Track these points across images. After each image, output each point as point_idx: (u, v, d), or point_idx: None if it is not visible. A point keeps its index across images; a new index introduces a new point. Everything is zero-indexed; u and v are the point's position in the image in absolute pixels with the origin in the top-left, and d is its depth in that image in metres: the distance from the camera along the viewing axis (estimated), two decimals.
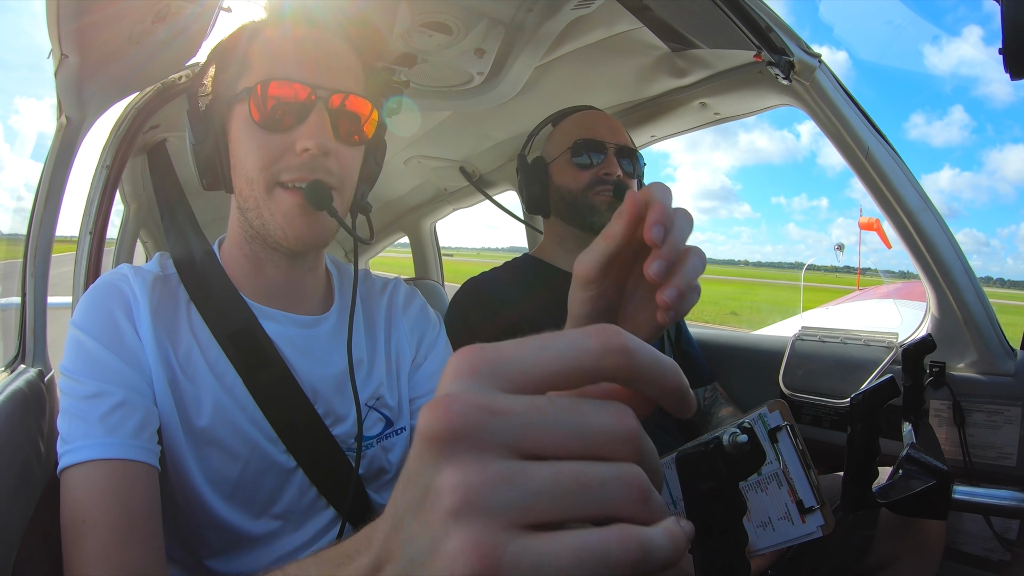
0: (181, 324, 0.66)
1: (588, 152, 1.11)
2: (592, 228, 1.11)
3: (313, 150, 0.61)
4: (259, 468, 0.67)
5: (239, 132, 0.64)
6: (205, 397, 0.65)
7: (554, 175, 1.15)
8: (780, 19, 0.94)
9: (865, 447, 0.75)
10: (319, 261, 0.74)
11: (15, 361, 0.93)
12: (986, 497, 0.79)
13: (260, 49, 0.64)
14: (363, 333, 0.76)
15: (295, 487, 0.70)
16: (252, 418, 0.66)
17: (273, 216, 0.63)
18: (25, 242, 0.94)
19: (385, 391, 0.75)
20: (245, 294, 0.69)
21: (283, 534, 0.70)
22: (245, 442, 0.66)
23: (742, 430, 0.43)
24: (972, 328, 1.08)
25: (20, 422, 0.72)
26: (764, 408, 0.82)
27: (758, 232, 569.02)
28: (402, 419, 0.77)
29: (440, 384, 0.22)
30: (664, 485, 0.97)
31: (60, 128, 0.93)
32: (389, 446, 0.76)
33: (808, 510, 0.75)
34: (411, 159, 1.87)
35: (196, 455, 0.64)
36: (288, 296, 0.71)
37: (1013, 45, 0.55)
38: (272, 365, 0.67)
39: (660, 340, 1.18)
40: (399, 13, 1.01)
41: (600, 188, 1.10)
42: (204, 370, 0.65)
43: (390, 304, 0.80)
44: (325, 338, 0.72)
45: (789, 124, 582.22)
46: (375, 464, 0.76)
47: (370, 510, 0.77)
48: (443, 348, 0.83)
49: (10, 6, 7.39)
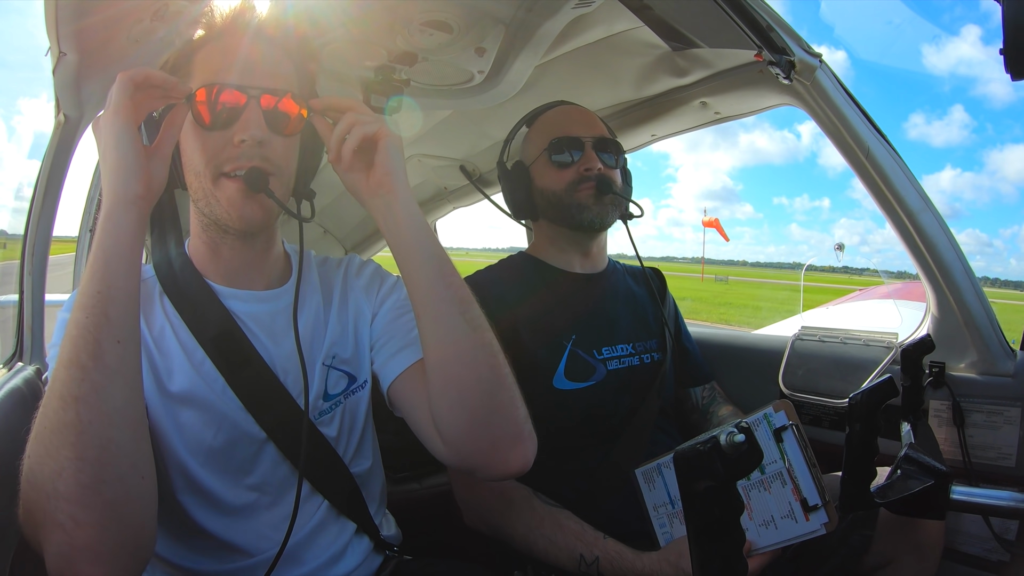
0: (155, 309, 0.75)
1: (566, 150, 1.10)
2: (581, 226, 1.10)
3: (249, 140, 0.69)
4: (231, 436, 0.73)
5: (187, 133, 0.72)
6: (176, 368, 0.72)
7: (536, 178, 1.13)
8: (781, 18, 0.93)
9: (863, 447, 0.75)
10: (271, 242, 0.81)
11: (12, 359, 0.93)
12: (985, 497, 0.80)
13: (201, 60, 0.73)
14: (321, 303, 0.83)
15: (268, 458, 0.75)
16: (222, 393, 0.73)
17: (219, 202, 0.72)
18: (23, 240, 0.94)
19: (338, 348, 0.82)
20: (210, 278, 0.77)
21: (260, 507, 0.75)
22: (216, 412, 0.73)
23: (739, 430, 0.43)
24: (972, 328, 1.07)
25: (18, 420, 0.72)
26: (770, 408, 0.82)
27: (760, 233, 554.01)
28: (363, 372, 0.83)
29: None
30: (663, 485, 0.97)
31: (58, 126, 0.93)
32: (355, 402, 0.82)
33: (812, 508, 0.76)
34: (411, 157, 1.87)
35: (171, 417, 0.71)
36: (248, 275, 0.79)
37: (1013, 45, 0.55)
38: (251, 363, 0.74)
39: (662, 337, 1.18)
40: (400, 11, 1.01)
41: (583, 185, 1.08)
42: (175, 346, 0.73)
43: (345, 273, 0.88)
44: (285, 311, 0.78)
45: (789, 124, 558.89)
46: (343, 419, 0.81)
47: (350, 481, 0.80)
48: (399, 297, 0.87)
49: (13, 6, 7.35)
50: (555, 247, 1.17)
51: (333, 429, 0.80)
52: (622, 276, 1.23)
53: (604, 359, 1.08)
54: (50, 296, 0.96)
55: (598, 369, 1.07)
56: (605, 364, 1.08)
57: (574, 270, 1.16)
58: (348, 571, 0.79)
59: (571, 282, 1.14)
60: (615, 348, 1.11)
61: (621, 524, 0.97)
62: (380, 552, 0.84)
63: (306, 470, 0.73)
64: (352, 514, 0.80)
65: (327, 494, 0.78)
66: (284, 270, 0.84)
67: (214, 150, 0.70)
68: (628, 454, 1.05)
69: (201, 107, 0.70)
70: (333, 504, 0.79)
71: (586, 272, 1.17)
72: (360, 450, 0.84)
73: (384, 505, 0.90)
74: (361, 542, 0.81)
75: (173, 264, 0.78)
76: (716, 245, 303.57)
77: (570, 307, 1.11)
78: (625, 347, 1.12)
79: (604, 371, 1.07)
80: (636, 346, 1.13)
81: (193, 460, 0.71)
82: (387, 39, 1.10)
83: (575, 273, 1.15)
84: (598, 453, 1.05)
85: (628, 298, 1.19)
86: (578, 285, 1.14)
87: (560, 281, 1.14)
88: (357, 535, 0.81)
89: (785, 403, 0.82)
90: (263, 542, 0.73)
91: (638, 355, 1.12)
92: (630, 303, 1.19)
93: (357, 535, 0.81)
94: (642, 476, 0.99)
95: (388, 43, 1.11)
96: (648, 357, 1.14)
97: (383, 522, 0.88)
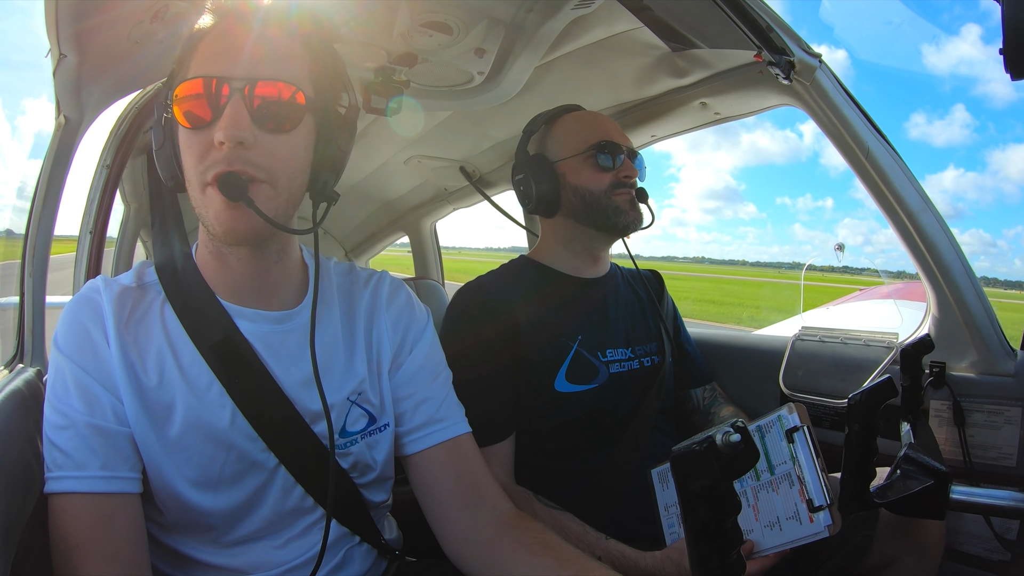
0: (153, 331, 0.68)
1: (611, 154, 1.11)
2: (615, 228, 1.11)
3: (226, 142, 0.60)
4: (238, 467, 0.69)
5: (180, 135, 0.65)
6: (178, 402, 0.66)
7: (568, 175, 1.12)
8: (780, 19, 0.93)
9: (862, 448, 0.75)
10: (285, 253, 0.73)
11: (13, 360, 0.93)
12: (985, 497, 0.79)
13: (196, 53, 0.65)
14: (340, 327, 0.76)
15: (278, 486, 0.71)
16: (230, 419, 0.68)
17: (207, 213, 0.64)
18: (23, 241, 0.94)
19: (367, 386, 0.76)
20: (217, 292, 0.70)
21: (266, 534, 0.71)
22: (221, 443, 0.68)
23: (735, 429, 0.43)
24: (972, 328, 1.07)
25: (18, 422, 0.72)
26: (784, 410, 0.82)
27: (764, 232, 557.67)
28: (384, 416, 0.78)
29: None
30: (667, 484, 0.97)
31: (58, 128, 0.93)
32: (373, 443, 0.77)
33: (817, 508, 0.75)
34: (411, 159, 1.87)
35: (172, 459, 0.66)
36: (258, 291, 0.71)
37: (1013, 45, 0.55)
38: (253, 372, 0.69)
39: (660, 340, 1.18)
40: (400, 12, 1.01)
41: (621, 190, 1.10)
42: (175, 375, 0.67)
43: (374, 297, 0.80)
44: (299, 333, 0.72)
45: (791, 124, 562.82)
46: (361, 460, 0.77)
47: (362, 507, 0.78)
48: (428, 345, 0.82)
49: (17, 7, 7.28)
50: (567, 248, 1.16)
51: (347, 463, 0.76)
52: (622, 279, 1.23)
53: (607, 361, 1.09)
54: (51, 298, 0.96)
55: (601, 371, 1.07)
56: (608, 367, 1.08)
57: (577, 274, 1.16)
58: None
59: (574, 286, 1.14)
60: (617, 351, 1.11)
61: (622, 525, 0.97)
62: (383, 557, 0.83)
63: (322, 500, 0.71)
64: (358, 530, 0.78)
65: (339, 519, 0.76)
66: (300, 285, 0.76)
67: (199, 154, 0.62)
68: (628, 456, 1.05)
69: (181, 105, 0.62)
70: (341, 523, 0.76)
71: (589, 276, 1.17)
72: (378, 487, 0.81)
73: (388, 510, 0.89)
74: (361, 549, 0.79)
75: (177, 265, 0.72)
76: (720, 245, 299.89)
77: (573, 309, 1.11)
78: (625, 351, 1.12)
79: (607, 374, 1.07)
80: (636, 349, 1.13)
81: (199, 493, 0.67)
82: (387, 40, 1.10)
83: (578, 278, 1.15)
84: (598, 455, 1.05)
85: (628, 301, 1.19)
86: (581, 289, 1.14)
87: (563, 285, 1.14)
88: (359, 544, 0.79)
89: (799, 406, 0.82)
90: (263, 565, 0.71)
91: (638, 358, 1.13)
92: (630, 306, 1.19)
93: (359, 544, 0.79)
94: (657, 476, 0.99)
95: (388, 44, 1.12)
96: (648, 360, 1.14)
97: (385, 525, 0.87)
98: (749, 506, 0.83)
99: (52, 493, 0.63)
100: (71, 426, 0.63)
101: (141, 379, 0.66)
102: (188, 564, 0.70)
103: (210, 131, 0.61)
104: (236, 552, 0.70)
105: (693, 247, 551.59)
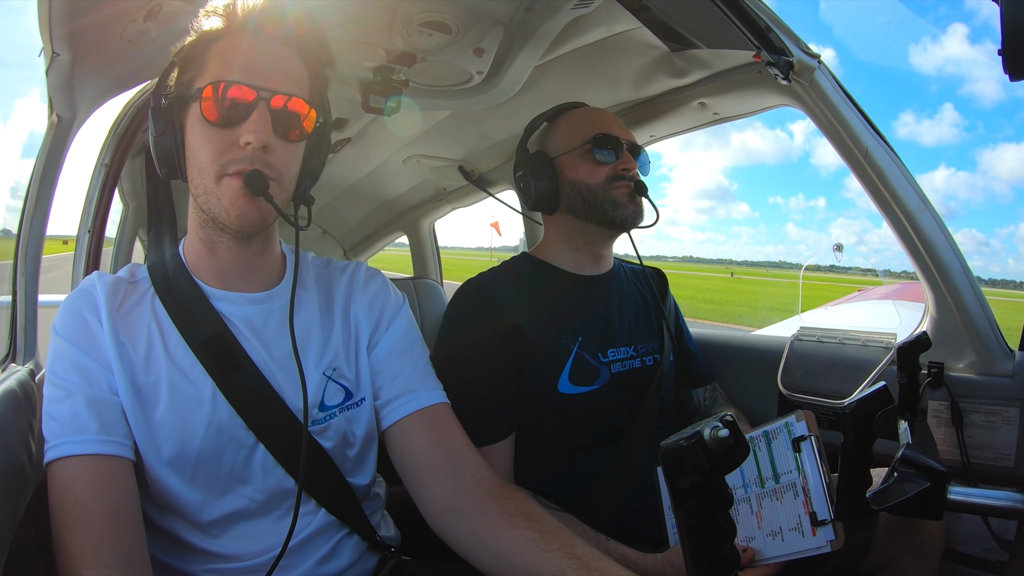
0: (143, 318, 0.74)
1: (609, 147, 1.10)
2: (613, 223, 1.10)
3: (254, 144, 0.69)
4: (218, 442, 0.72)
5: (193, 127, 0.72)
6: (163, 380, 0.72)
7: (566, 170, 1.12)
8: (779, 19, 0.93)
9: (858, 456, 0.74)
10: (268, 244, 0.80)
11: (6, 360, 0.92)
12: (983, 498, 0.79)
13: (215, 54, 0.72)
14: (316, 309, 0.82)
15: (259, 464, 0.74)
16: (211, 396, 0.72)
17: (220, 201, 0.71)
18: (16, 240, 0.93)
19: (342, 362, 0.81)
20: (202, 278, 0.77)
21: (248, 514, 0.74)
22: (201, 419, 0.72)
23: (724, 424, 0.42)
24: (970, 329, 1.07)
25: (11, 421, 0.72)
26: (792, 417, 0.81)
27: (757, 232, 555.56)
28: (361, 391, 0.82)
29: None
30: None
31: (51, 127, 0.92)
32: (352, 417, 0.81)
33: (820, 523, 0.74)
34: (410, 158, 1.86)
35: (156, 433, 0.70)
36: (241, 276, 0.78)
37: (1012, 46, 0.55)
38: (240, 368, 0.74)
39: (662, 340, 1.18)
40: (398, 12, 1.01)
41: (619, 183, 1.09)
42: (161, 356, 0.73)
43: (351, 282, 0.87)
44: (279, 314, 0.78)
45: (782, 123, 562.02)
46: (339, 433, 0.80)
47: (349, 494, 0.80)
48: (404, 323, 0.87)
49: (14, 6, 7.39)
50: (569, 245, 1.15)
51: (328, 441, 0.79)
52: (624, 277, 1.23)
53: (608, 361, 1.08)
54: (44, 297, 0.96)
55: (602, 372, 1.06)
56: (609, 367, 1.07)
57: (579, 271, 1.15)
58: (340, 570, 0.78)
59: (576, 284, 1.13)
60: (619, 350, 1.10)
61: (622, 526, 0.97)
62: (375, 552, 0.84)
63: (295, 471, 0.73)
64: (347, 518, 0.79)
65: (322, 502, 0.77)
66: (280, 273, 0.83)
67: (220, 149, 0.70)
68: (629, 456, 1.04)
69: (208, 103, 0.69)
70: (328, 510, 0.78)
71: (591, 274, 1.16)
72: (360, 466, 0.83)
73: (383, 507, 0.89)
74: (351, 540, 0.80)
75: (167, 267, 0.78)
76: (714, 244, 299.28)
77: (575, 309, 1.10)
78: (627, 349, 1.11)
79: (608, 374, 1.07)
80: (638, 348, 1.13)
81: (175, 470, 0.71)
82: (386, 40, 1.09)
83: (580, 275, 1.15)
84: (599, 455, 1.05)
85: (631, 299, 1.19)
86: (582, 287, 1.14)
87: (564, 283, 1.13)
88: (349, 535, 0.80)
89: (808, 414, 0.80)
90: (251, 548, 0.73)
91: (640, 357, 1.12)
92: (632, 304, 1.18)
93: (349, 535, 0.80)
94: (663, 474, 0.98)
95: (387, 44, 1.11)
96: (650, 359, 1.13)
97: (381, 523, 0.87)
98: (753, 513, 0.83)
99: (52, 461, 0.65)
100: (69, 397, 0.68)
101: (131, 356, 0.72)
102: (178, 548, 0.72)
103: (234, 131, 0.70)
104: (222, 535, 0.73)
105: (687, 247, 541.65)
